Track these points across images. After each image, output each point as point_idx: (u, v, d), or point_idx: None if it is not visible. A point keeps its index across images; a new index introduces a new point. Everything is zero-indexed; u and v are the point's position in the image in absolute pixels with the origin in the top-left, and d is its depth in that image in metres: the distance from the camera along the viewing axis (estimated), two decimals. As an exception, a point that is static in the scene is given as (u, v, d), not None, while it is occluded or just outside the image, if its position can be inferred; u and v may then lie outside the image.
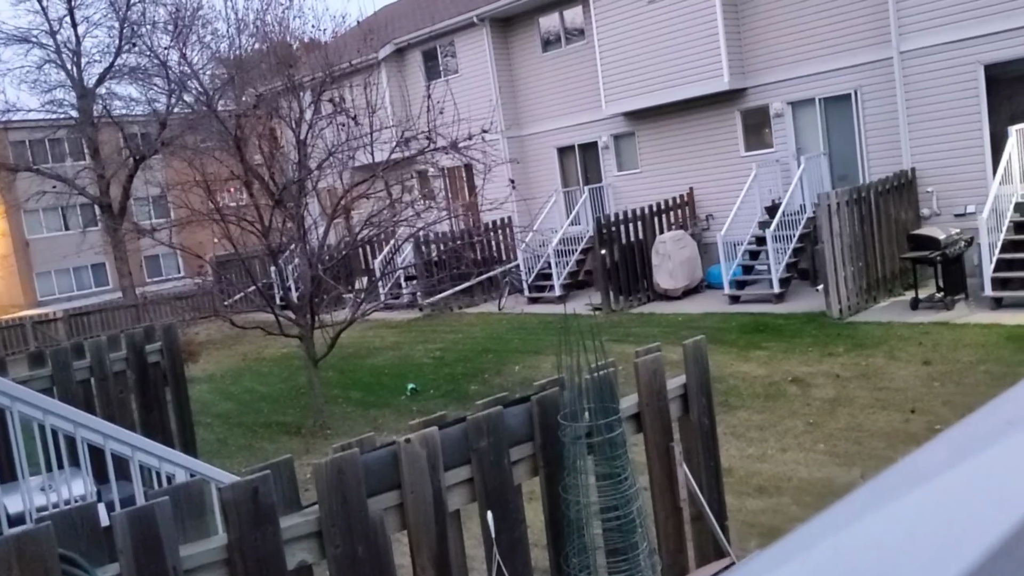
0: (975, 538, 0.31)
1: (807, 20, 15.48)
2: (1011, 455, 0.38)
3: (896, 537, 0.31)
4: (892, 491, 0.36)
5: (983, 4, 13.12)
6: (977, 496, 0.34)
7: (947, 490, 0.35)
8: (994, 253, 11.70)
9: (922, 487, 0.35)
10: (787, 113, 16.19)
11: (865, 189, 13.32)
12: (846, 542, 0.31)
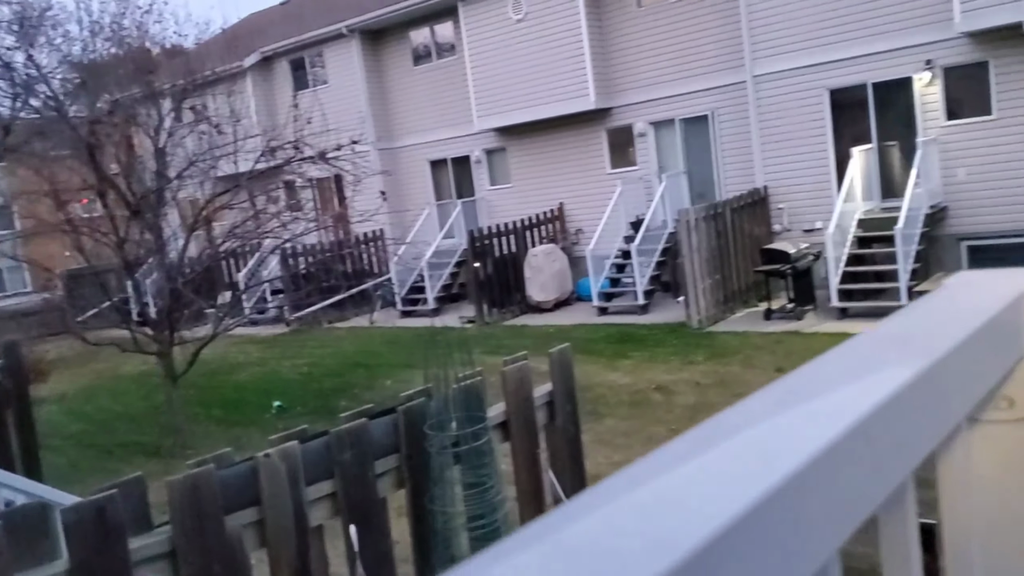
0: (717, 511, 0.33)
1: (668, 44, 16.10)
2: (770, 433, 0.42)
3: (634, 522, 0.33)
4: (646, 474, 0.38)
5: (827, 33, 14.00)
6: (728, 470, 0.37)
7: (699, 469, 0.37)
8: (839, 266, 12.46)
9: (681, 466, 0.38)
10: (650, 133, 16.77)
11: (721, 206, 13.95)
12: (593, 526, 0.33)
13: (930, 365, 0.49)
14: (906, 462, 0.48)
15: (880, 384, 0.45)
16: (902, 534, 0.51)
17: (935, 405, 0.51)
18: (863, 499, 0.43)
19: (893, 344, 0.55)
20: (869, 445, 0.42)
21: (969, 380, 0.56)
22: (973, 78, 13.09)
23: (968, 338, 0.55)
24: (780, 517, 0.36)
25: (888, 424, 0.44)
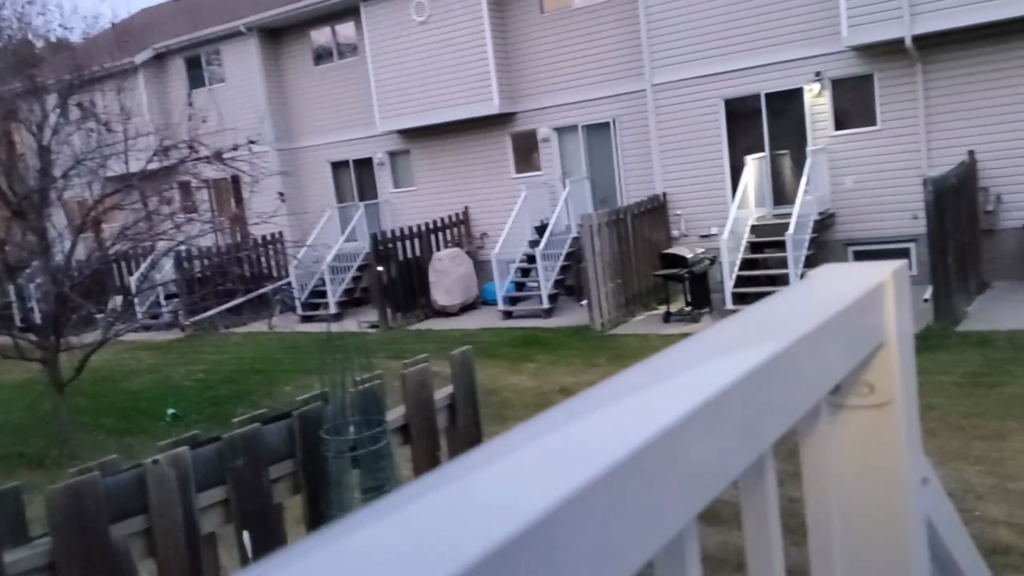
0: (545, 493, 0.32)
1: (571, 50, 16.31)
2: (625, 409, 0.42)
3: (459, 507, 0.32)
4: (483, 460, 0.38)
5: (723, 44, 14.44)
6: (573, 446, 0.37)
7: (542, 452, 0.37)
8: (733, 270, 12.86)
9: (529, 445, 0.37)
10: (553, 138, 16.95)
11: (623, 211, 14.22)
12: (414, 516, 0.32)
13: (786, 347, 0.51)
14: (763, 437, 0.49)
15: (736, 364, 0.46)
16: (762, 504, 0.53)
17: (792, 385, 0.52)
18: (719, 471, 0.44)
19: (755, 328, 0.56)
20: (724, 420, 0.44)
21: (827, 363, 0.58)
22: (859, 90, 13.71)
23: (825, 323, 0.57)
24: (628, 488, 0.36)
25: (744, 401, 0.46)
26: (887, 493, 0.69)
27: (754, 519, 0.54)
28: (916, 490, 0.72)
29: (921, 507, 0.73)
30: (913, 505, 0.70)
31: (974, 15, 11.99)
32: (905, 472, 0.69)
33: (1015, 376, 8.71)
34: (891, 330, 0.68)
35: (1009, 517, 5.89)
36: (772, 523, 0.54)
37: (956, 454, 7.06)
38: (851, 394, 0.70)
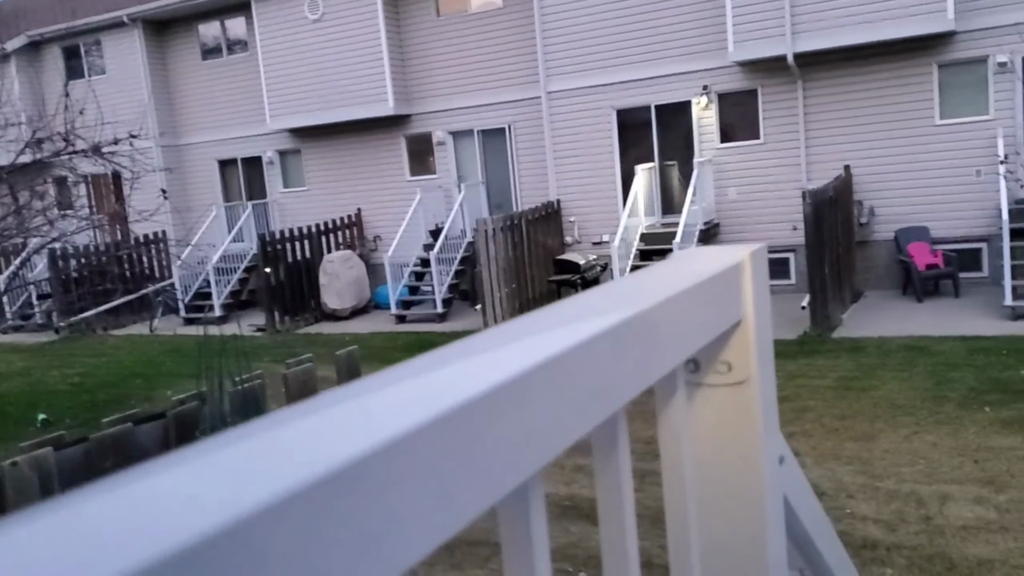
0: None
1: (467, 55, 16.34)
2: (471, 365, 0.41)
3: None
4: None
5: (615, 55, 14.75)
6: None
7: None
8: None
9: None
10: (449, 142, 16.93)
11: (518, 217, 14.32)
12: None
13: (639, 313, 0.51)
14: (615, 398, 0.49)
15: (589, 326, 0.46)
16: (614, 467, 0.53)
17: (646, 349, 0.53)
18: (566, 427, 0.44)
19: (614, 296, 0.57)
20: (571, 377, 0.43)
21: (682, 333, 0.59)
22: (744, 104, 14.23)
23: (680, 294, 0.57)
24: (465, 436, 0.35)
25: (593, 360, 0.45)
26: (745, 470, 0.70)
27: (607, 481, 0.54)
28: (773, 468, 0.73)
29: (778, 484, 0.75)
30: (770, 482, 0.72)
31: (849, 36, 12.63)
32: (762, 450, 0.70)
33: (884, 380, 9.18)
34: (748, 309, 0.70)
35: (877, 514, 6.19)
36: (624, 485, 0.54)
37: (830, 454, 7.39)
38: (710, 372, 0.71)
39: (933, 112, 12.97)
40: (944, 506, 6.16)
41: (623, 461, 0.53)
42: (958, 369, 9.24)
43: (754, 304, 0.70)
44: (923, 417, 7.96)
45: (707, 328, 0.64)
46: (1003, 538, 5.61)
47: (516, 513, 0.43)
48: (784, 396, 9.04)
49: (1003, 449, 7.02)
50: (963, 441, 7.30)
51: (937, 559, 5.46)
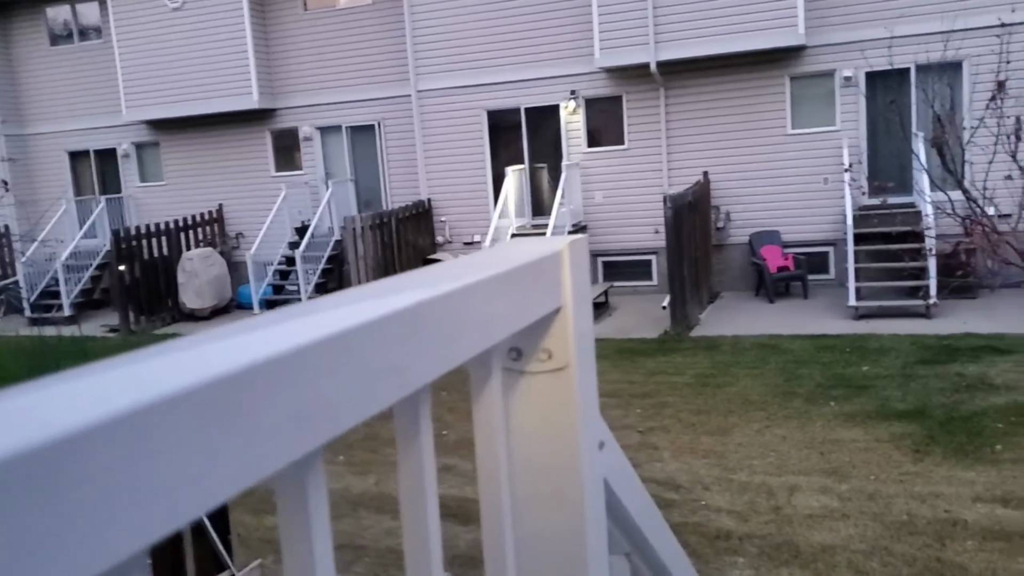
0: None
1: (335, 50, 16.06)
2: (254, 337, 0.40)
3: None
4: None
5: (486, 56, 14.83)
6: None
7: None
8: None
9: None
10: (316, 138, 16.59)
11: (387, 215, 14.18)
12: None
13: (442, 294, 0.50)
14: (414, 377, 0.48)
15: (373, 308, 0.46)
16: (416, 448, 0.53)
17: (450, 331, 0.52)
18: (349, 406, 0.43)
19: (415, 280, 0.56)
20: (356, 355, 0.43)
21: (494, 317, 0.59)
22: (610, 110, 14.59)
23: (491, 278, 0.57)
24: (231, 408, 0.35)
25: (386, 339, 0.45)
26: (564, 456, 0.71)
27: (409, 464, 0.53)
28: (593, 453, 0.75)
29: (598, 469, 0.76)
30: (589, 467, 0.73)
31: (708, 47, 13.16)
32: (582, 435, 0.71)
33: (737, 377, 9.60)
34: (567, 297, 0.71)
35: (731, 505, 6.47)
36: (427, 468, 0.53)
37: (687, 448, 7.66)
38: (532, 360, 0.72)
39: (785, 122, 13.67)
40: (792, 496, 6.49)
41: (425, 445, 0.53)
42: (806, 366, 9.76)
43: (573, 293, 0.71)
44: (774, 412, 8.38)
45: (522, 314, 0.64)
46: (844, 525, 5.97)
47: (293, 489, 0.42)
48: (645, 393, 9.33)
49: (846, 441, 7.47)
50: (810, 434, 7.72)
51: (785, 547, 5.75)
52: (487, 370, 0.62)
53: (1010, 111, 7.76)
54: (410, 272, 0.59)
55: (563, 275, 0.71)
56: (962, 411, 7.89)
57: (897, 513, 6.05)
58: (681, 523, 6.23)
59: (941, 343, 10.13)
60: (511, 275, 0.60)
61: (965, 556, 5.39)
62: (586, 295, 0.73)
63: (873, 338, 10.61)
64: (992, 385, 8.49)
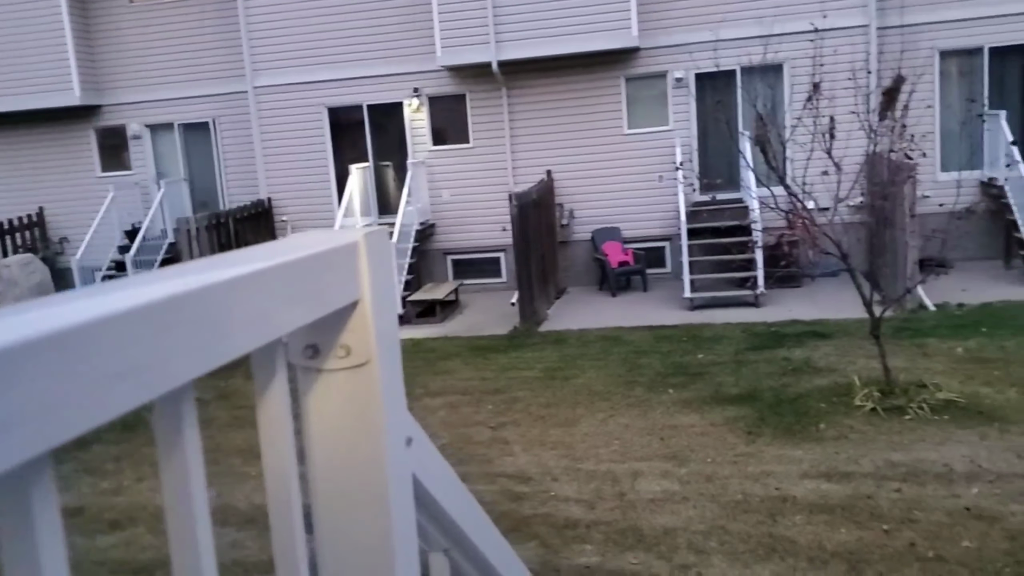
0: None
1: (164, 44, 15.31)
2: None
3: None
4: None
5: (325, 52, 14.54)
6: None
7: None
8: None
9: None
10: (146, 136, 15.77)
11: (224, 216, 13.65)
12: None
13: (192, 290, 0.47)
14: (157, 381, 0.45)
15: (108, 302, 0.42)
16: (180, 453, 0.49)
17: (209, 329, 0.49)
18: (81, 411, 0.39)
19: (191, 269, 0.52)
20: (74, 358, 0.39)
21: (276, 309, 0.55)
22: (454, 108, 14.61)
23: (264, 272, 0.54)
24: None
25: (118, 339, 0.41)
26: (369, 454, 0.69)
27: (172, 472, 0.49)
28: (399, 450, 0.73)
29: (406, 466, 0.74)
30: (396, 464, 0.71)
31: (547, 48, 13.41)
32: (387, 432, 0.69)
33: (583, 369, 9.84)
34: (365, 291, 0.68)
35: (579, 494, 6.61)
36: (193, 475, 0.50)
37: (536, 441, 7.78)
38: (329, 357, 0.69)
39: (622, 122, 14.13)
40: (636, 482, 6.71)
41: (191, 447, 0.49)
42: (647, 356, 10.12)
43: (372, 286, 0.68)
44: (617, 401, 8.64)
45: (309, 308, 0.61)
46: (685, 507, 6.23)
47: (12, 504, 0.38)
48: (496, 389, 9.41)
49: (684, 426, 7.79)
50: (651, 421, 8.00)
51: (629, 532, 5.94)
52: (271, 367, 0.59)
53: (825, 111, 8.30)
54: (178, 264, 0.55)
55: (360, 267, 0.68)
56: (789, 393, 8.40)
57: (732, 493, 6.36)
58: (531, 515, 6.32)
59: (769, 330, 10.75)
60: (294, 266, 0.57)
61: (795, 530, 5.73)
62: (388, 289, 0.71)
63: (707, 327, 11.12)
64: (815, 368, 9.08)
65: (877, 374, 8.09)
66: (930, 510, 5.81)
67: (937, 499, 5.95)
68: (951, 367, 8.71)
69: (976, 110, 13.06)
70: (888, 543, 5.42)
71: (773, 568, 5.28)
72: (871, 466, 6.59)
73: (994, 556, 5.14)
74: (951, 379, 8.22)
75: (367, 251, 0.68)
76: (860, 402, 7.75)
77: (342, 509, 0.70)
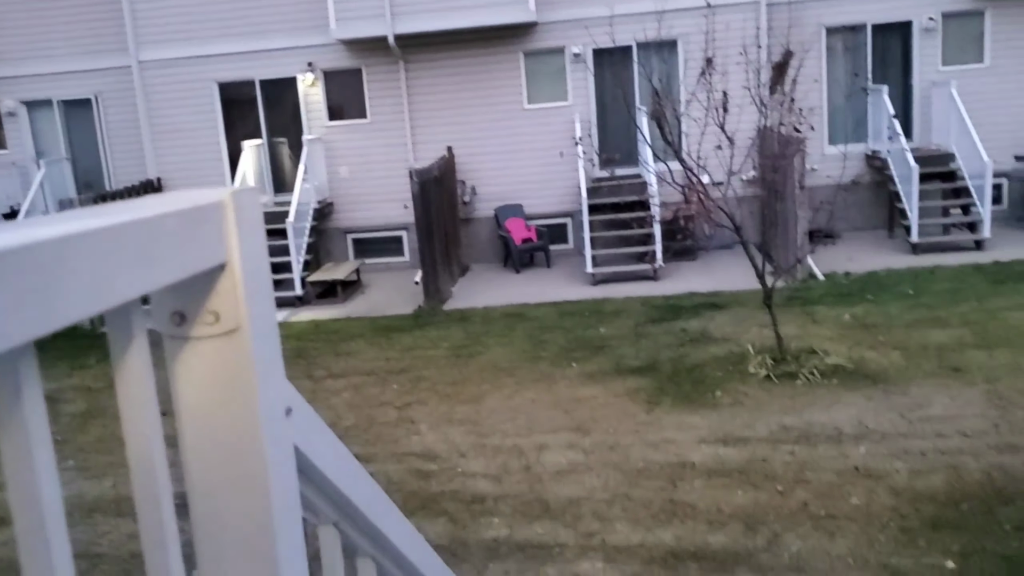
0: None
1: (42, 15, 14.48)
2: None
3: None
4: None
5: (214, 26, 14.01)
6: None
7: None
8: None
9: None
10: (22, 113, 14.91)
11: (111, 196, 13.06)
12: None
13: (25, 245, 0.42)
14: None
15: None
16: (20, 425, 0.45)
17: (34, 293, 0.44)
18: None
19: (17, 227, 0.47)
20: None
21: (110, 277, 0.51)
22: (350, 83, 14.31)
23: (112, 228, 0.50)
24: None
25: None
26: (243, 425, 0.65)
27: (13, 445, 0.45)
28: (278, 420, 0.69)
29: (285, 436, 0.71)
30: (274, 435, 0.67)
31: (444, 21, 13.26)
32: (262, 402, 0.66)
33: (488, 346, 9.87)
34: (234, 253, 0.64)
35: (486, 470, 6.64)
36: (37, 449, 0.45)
37: (444, 419, 7.77)
38: (197, 324, 0.65)
39: (522, 97, 14.13)
40: (541, 455, 6.78)
41: (33, 421, 0.45)
42: (550, 331, 10.22)
43: (240, 248, 0.64)
44: (523, 376, 8.70)
45: (165, 271, 0.57)
46: (589, 477, 6.33)
47: None
48: (401, 369, 9.34)
49: (587, 399, 7.90)
50: (556, 395, 8.09)
51: (536, 503, 6.00)
52: (127, 333, 0.55)
53: (718, 85, 8.48)
54: (15, 220, 0.50)
55: (227, 228, 0.64)
56: (687, 363, 8.62)
57: (634, 461, 6.50)
58: (439, 492, 6.31)
59: (667, 303, 10.99)
60: (147, 224, 0.53)
61: (694, 494, 5.90)
62: (259, 251, 0.67)
63: (609, 302, 11.30)
64: (711, 338, 9.35)
65: (770, 342, 8.38)
66: (821, 470, 6.06)
67: (828, 460, 6.22)
68: (839, 333, 9.10)
69: (860, 84, 13.60)
70: (782, 503, 5.64)
71: (674, 531, 5.43)
72: (765, 430, 6.83)
73: (880, 511, 5.41)
74: (839, 345, 8.58)
75: (235, 211, 0.64)
76: (754, 369, 8.01)
77: (219, 486, 0.66)
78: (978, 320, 9.06)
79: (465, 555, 5.41)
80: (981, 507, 5.32)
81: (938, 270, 11.20)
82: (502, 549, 5.42)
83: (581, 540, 5.45)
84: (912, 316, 9.45)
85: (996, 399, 6.98)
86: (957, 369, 7.73)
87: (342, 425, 7.78)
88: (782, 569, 4.88)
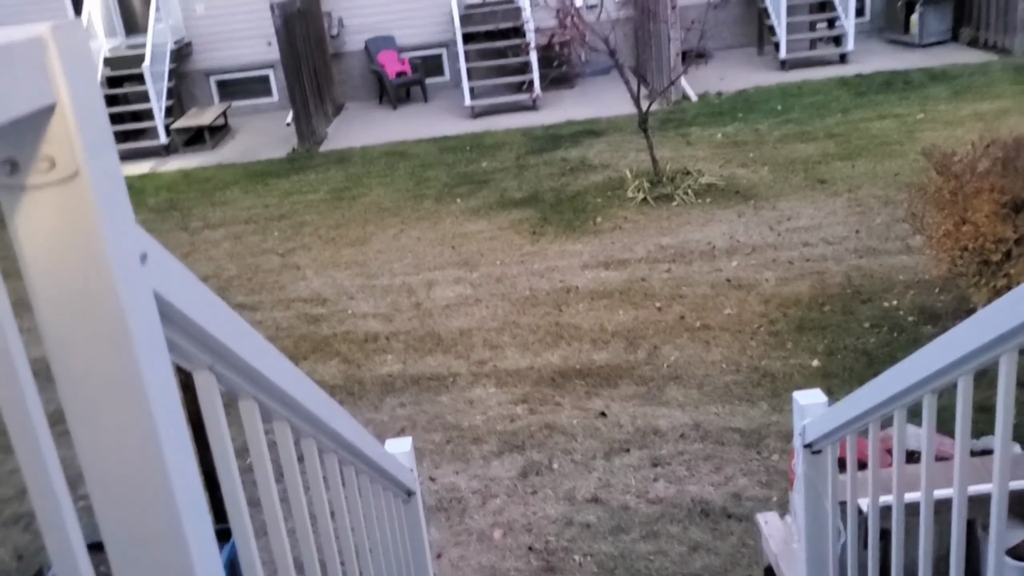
0: None
1: None
2: None
3: None
4: None
5: None
6: None
7: None
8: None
9: None
10: None
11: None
12: None
13: None
14: None
15: None
16: None
17: None
18: None
19: None
20: None
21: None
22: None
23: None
24: None
25: None
26: (94, 275, 0.64)
27: None
28: (132, 267, 0.68)
29: (143, 283, 0.70)
30: (130, 283, 0.66)
31: None
32: (111, 249, 0.64)
33: (370, 187, 9.72)
34: (62, 93, 0.60)
35: (376, 309, 6.70)
36: None
37: (329, 263, 7.72)
38: (32, 171, 0.62)
39: (385, -81, 13.27)
40: (431, 291, 6.88)
41: None
42: (432, 168, 10.12)
43: (69, 87, 0.60)
44: (407, 216, 8.66)
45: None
46: (478, 308, 6.48)
47: None
48: (281, 215, 9.15)
49: (473, 233, 7.97)
50: (441, 231, 8.13)
51: (428, 337, 6.14)
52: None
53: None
54: None
55: (51, 66, 0.59)
56: (568, 192, 8.74)
57: (521, 290, 6.68)
58: (331, 334, 6.36)
59: (547, 132, 10.99)
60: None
61: (579, 317, 6.14)
62: (91, 90, 0.63)
63: (489, 135, 11.20)
64: (591, 165, 9.46)
65: (647, 166, 8.56)
66: (696, 285, 6.39)
67: (702, 275, 6.54)
68: (712, 153, 9.35)
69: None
70: (661, 318, 5.95)
71: (561, 352, 5.68)
72: (644, 251, 7.10)
73: (751, 319, 5.78)
74: (712, 164, 8.85)
75: (57, 47, 0.59)
76: (632, 194, 8.21)
77: (79, 342, 0.65)
78: (842, 132, 9.45)
79: (361, 393, 5.54)
80: (842, 308, 5.75)
81: (805, 85, 11.51)
82: (397, 383, 5.58)
83: (473, 368, 5.64)
84: (781, 132, 9.77)
85: (857, 207, 7.41)
86: (822, 181, 8.12)
87: (225, 276, 7.64)
88: (661, 379, 5.21)
